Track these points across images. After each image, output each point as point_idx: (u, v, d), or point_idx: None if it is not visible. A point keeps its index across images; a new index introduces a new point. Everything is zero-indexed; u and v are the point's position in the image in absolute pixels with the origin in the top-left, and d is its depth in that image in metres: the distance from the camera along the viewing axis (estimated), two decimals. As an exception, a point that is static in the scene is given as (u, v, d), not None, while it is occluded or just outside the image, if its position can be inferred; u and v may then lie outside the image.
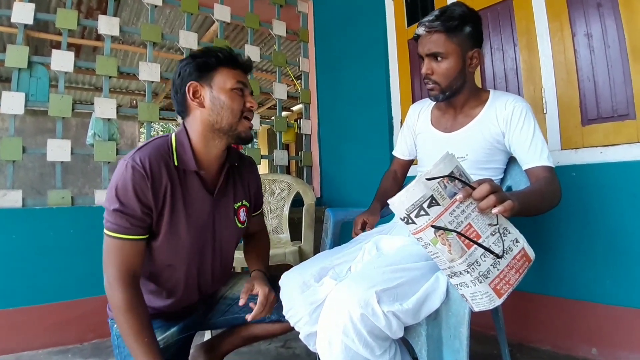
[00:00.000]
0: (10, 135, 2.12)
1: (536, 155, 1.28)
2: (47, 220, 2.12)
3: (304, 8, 3.47)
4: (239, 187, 1.37)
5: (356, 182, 2.95)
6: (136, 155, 1.11)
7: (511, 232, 0.97)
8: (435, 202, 0.87)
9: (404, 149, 1.69)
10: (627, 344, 1.64)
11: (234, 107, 1.20)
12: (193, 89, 1.18)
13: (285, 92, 3.24)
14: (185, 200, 1.19)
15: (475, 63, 1.36)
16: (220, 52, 1.20)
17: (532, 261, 0.99)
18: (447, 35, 1.29)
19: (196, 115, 1.20)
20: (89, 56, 5.44)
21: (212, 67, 1.19)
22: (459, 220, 0.89)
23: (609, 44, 1.74)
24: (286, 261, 2.11)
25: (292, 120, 7.35)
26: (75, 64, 2.29)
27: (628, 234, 1.65)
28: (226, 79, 1.19)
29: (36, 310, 2.04)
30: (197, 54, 1.21)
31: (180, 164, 1.18)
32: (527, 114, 1.31)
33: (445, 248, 0.89)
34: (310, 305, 1.13)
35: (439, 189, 0.88)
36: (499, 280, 0.93)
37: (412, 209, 0.87)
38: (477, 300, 0.95)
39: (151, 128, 2.66)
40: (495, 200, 0.87)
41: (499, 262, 0.93)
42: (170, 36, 2.77)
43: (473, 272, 0.91)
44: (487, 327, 1.68)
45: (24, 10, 2.19)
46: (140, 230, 1.11)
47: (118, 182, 1.08)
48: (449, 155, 0.92)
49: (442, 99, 1.39)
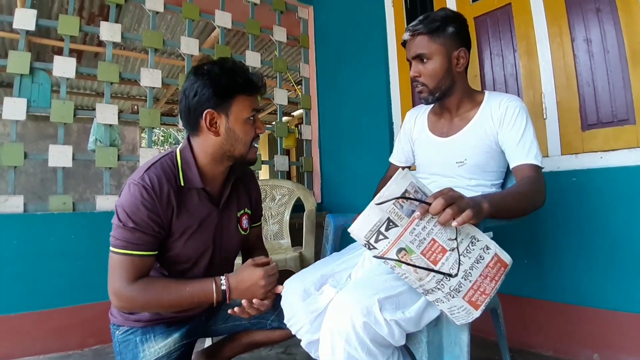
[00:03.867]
0: (11, 141, 2.12)
1: (523, 152, 1.26)
2: (48, 226, 2.12)
3: (304, 14, 3.49)
4: (242, 195, 1.39)
5: (357, 188, 2.95)
6: (145, 176, 1.12)
7: (480, 239, 0.95)
8: (393, 224, 0.88)
9: (400, 156, 1.68)
10: (629, 349, 1.63)
11: (247, 139, 1.21)
12: (210, 117, 1.15)
13: (286, 97, 3.26)
14: (192, 217, 1.20)
15: (463, 63, 1.37)
16: (239, 77, 1.16)
17: (509, 265, 0.96)
18: (429, 36, 1.32)
19: (208, 139, 1.19)
20: (90, 62, 5.46)
21: (231, 96, 1.16)
22: (421, 237, 0.89)
23: (608, 49, 1.75)
24: (287, 267, 2.10)
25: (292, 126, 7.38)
26: (77, 69, 2.31)
27: (629, 239, 1.65)
28: (243, 109, 1.18)
29: (37, 315, 2.04)
30: (216, 75, 1.15)
31: (187, 183, 1.19)
32: (520, 112, 1.30)
33: (411, 269, 0.89)
34: (311, 314, 1.14)
35: (395, 210, 0.88)
36: (473, 292, 0.92)
37: (370, 235, 0.88)
38: (455, 314, 0.95)
39: (152, 133, 2.66)
40: (452, 213, 0.86)
41: (471, 273, 0.91)
42: (172, 42, 2.79)
43: (443, 288, 0.91)
44: (488, 333, 1.67)
45: (25, 16, 2.20)
46: (149, 246, 1.12)
47: (129, 201, 1.09)
48: (401, 173, 0.91)
49: (432, 100, 1.40)
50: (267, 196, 2.67)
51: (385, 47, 2.79)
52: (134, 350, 1.23)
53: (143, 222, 1.09)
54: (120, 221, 1.09)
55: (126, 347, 1.24)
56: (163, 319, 1.28)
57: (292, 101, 3.44)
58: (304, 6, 3.48)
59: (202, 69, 1.16)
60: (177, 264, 1.23)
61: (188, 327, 1.32)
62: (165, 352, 1.24)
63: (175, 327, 1.29)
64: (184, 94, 1.18)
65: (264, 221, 2.58)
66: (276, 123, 3.21)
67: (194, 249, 1.23)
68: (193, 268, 1.25)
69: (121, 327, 1.26)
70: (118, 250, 1.09)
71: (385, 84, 2.76)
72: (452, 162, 1.39)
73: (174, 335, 1.27)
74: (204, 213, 1.23)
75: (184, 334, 1.30)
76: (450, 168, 1.40)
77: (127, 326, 1.25)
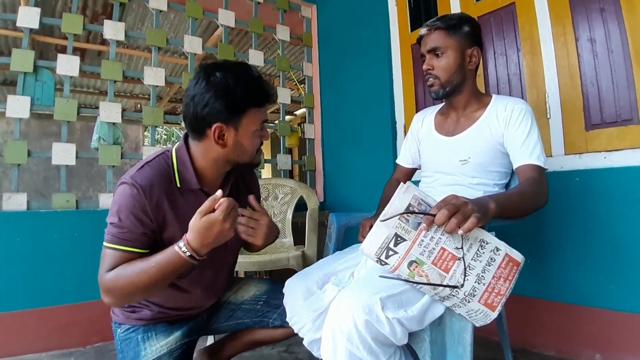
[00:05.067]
0: (15, 139, 2.13)
1: (527, 153, 1.28)
2: (51, 224, 2.13)
3: (307, 13, 3.48)
4: (243, 193, 1.33)
5: (359, 187, 2.95)
6: (137, 176, 1.09)
7: (489, 242, 0.95)
8: (402, 239, 0.90)
9: (407, 157, 1.69)
10: (631, 350, 1.63)
11: (253, 150, 1.18)
12: (219, 131, 1.09)
13: (289, 96, 3.26)
14: (188, 216, 1.13)
15: (475, 61, 1.41)
16: (255, 90, 1.11)
17: (522, 263, 0.96)
18: (446, 32, 1.38)
19: (212, 148, 1.14)
20: (94, 60, 5.47)
21: (244, 110, 1.10)
22: (430, 248, 0.91)
23: (612, 49, 1.74)
24: (289, 266, 2.10)
25: (295, 125, 7.36)
26: (80, 68, 2.31)
27: (632, 239, 1.65)
28: (253, 122, 1.13)
29: (39, 313, 2.05)
30: (230, 87, 1.07)
31: (183, 184, 1.15)
32: (525, 114, 1.32)
33: (424, 279, 0.91)
34: (313, 313, 1.14)
35: (401, 224, 0.90)
36: (488, 295, 0.93)
37: (380, 252, 0.90)
38: (474, 317, 0.97)
39: (155, 132, 2.67)
40: (457, 222, 0.87)
41: (483, 276, 0.92)
42: (175, 41, 2.80)
43: (458, 294, 0.92)
44: (491, 333, 1.67)
45: (29, 15, 2.21)
46: (138, 244, 1.09)
47: (120, 200, 1.07)
48: (403, 187, 0.93)
49: (443, 94, 1.42)
50: (269, 195, 2.67)
51: (388, 46, 2.78)
52: (135, 349, 1.23)
53: (130, 219, 1.06)
54: (111, 217, 1.08)
55: (128, 345, 1.24)
56: (165, 317, 1.28)
57: (295, 100, 3.44)
58: (308, 5, 3.47)
59: (215, 75, 1.07)
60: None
61: (190, 325, 1.32)
62: (167, 350, 1.24)
63: (176, 325, 1.29)
64: (192, 101, 1.09)
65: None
66: (279, 122, 3.21)
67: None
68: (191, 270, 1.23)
69: (123, 325, 1.26)
70: (106, 244, 1.07)
71: (389, 83, 2.76)
72: (456, 161, 1.40)
73: (175, 334, 1.27)
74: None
75: (185, 332, 1.30)
76: (454, 166, 1.41)
77: (129, 324, 1.25)
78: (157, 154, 1.18)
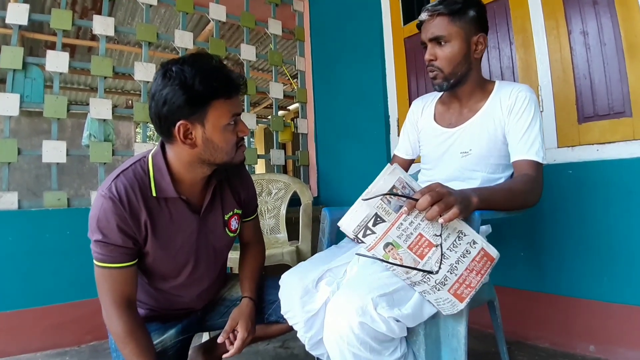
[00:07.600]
0: (5, 137, 2.10)
1: (525, 147, 1.23)
2: (43, 222, 2.11)
3: (299, 7, 3.46)
4: (228, 197, 1.30)
5: (353, 181, 2.95)
6: (112, 187, 1.05)
7: (467, 234, 0.95)
8: (381, 220, 0.90)
9: (407, 148, 1.61)
10: (625, 341, 1.65)
11: (228, 147, 1.10)
12: (184, 128, 1.02)
13: (282, 91, 3.24)
14: (167, 226, 1.13)
15: (481, 49, 1.31)
16: (215, 79, 1.02)
17: (496, 259, 0.96)
18: (450, 17, 1.26)
19: (184, 150, 1.08)
20: (83, 56, 5.41)
21: (206, 102, 1.02)
22: (408, 232, 0.91)
23: (605, 42, 1.75)
24: (284, 261, 2.10)
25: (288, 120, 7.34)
26: (70, 64, 2.28)
27: (625, 231, 1.66)
28: (221, 115, 1.05)
29: (33, 312, 2.03)
30: (187, 79, 0.99)
31: (159, 192, 1.10)
32: (529, 103, 1.26)
33: (397, 262, 0.91)
34: (306, 314, 1.15)
35: (382, 205, 0.90)
36: (458, 285, 0.94)
37: (358, 229, 0.90)
38: (442, 305, 0.98)
39: (147, 128, 2.65)
40: (439, 210, 0.86)
41: (457, 267, 0.93)
42: (166, 36, 2.77)
43: (429, 281, 0.93)
44: (485, 325, 1.68)
45: (18, 11, 2.17)
46: (126, 257, 1.07)
47: (98, 214, 1.04)
48: (389, 169, 0.92)
49: (447, 87, 1.34)
50: (263, 190, 2.66)
51: (381, 40, 2.78)
52: (130, 347, 1.22)
53: (113, 235, 1.04)
54: (94, 233, 1.05)
55: (122, 344, 1.23)
56: (158, 315, 1.27)
57: (288, 95, 3.42)
58: (299, -1, 3.45)
59: (171, 70, 1.01)
60: (157, 276, 1.20)
61: (184, 323, 1.32)
62: (161, 348, 1.24)
63: (170, 323, 1.29)
64: (152, 100, 1.03)
65: (260, 215, 2.57)
66: (272, 117, 3.20)
67: (175, 263, 1.19)
68: (177, 277, 1.22)
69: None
70: (97, 263, 1.07)
71: (382, 76, 2.75)
72: (457, 153, 1.36)
73: (169, 332, 1.27)
74: (182, 224, 1.16)
75: (179, 330, 1.30)
76: (454, 159, 1.37)
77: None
78: (134, 161, 1.13)
